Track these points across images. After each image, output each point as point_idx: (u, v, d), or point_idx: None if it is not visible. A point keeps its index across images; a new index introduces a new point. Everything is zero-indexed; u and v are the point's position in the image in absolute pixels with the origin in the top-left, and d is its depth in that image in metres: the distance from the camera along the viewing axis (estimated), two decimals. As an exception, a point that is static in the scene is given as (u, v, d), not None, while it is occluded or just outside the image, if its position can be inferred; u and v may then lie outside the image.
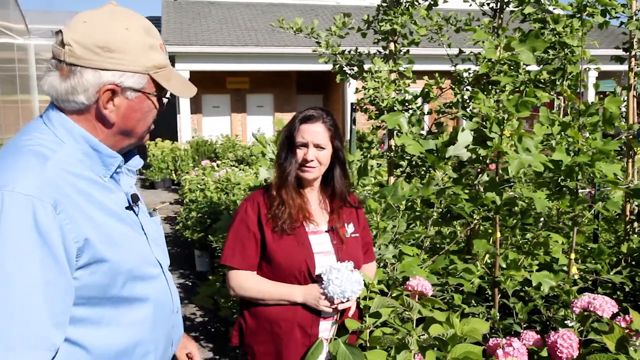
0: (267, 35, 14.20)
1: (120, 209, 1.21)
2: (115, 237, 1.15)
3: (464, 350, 1.60)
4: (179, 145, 12.85)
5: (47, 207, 1.03)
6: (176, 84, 1.24)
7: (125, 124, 1.20)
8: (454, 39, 3.32)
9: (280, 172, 1.91)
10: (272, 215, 1.87)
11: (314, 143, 1.86)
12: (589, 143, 2.40)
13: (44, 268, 1.02)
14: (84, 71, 1.12)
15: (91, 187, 1.15)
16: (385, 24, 2.95)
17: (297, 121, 1.89)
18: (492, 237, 2.55)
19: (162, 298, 1.29)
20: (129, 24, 1.16)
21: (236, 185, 6.29)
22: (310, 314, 1.86)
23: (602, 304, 1.82)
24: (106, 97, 1.15)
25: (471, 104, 2.75)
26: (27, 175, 1.05)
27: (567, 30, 2.75)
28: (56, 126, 1.17)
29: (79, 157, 1.16)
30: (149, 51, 1.18)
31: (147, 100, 1.21)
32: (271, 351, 1.89)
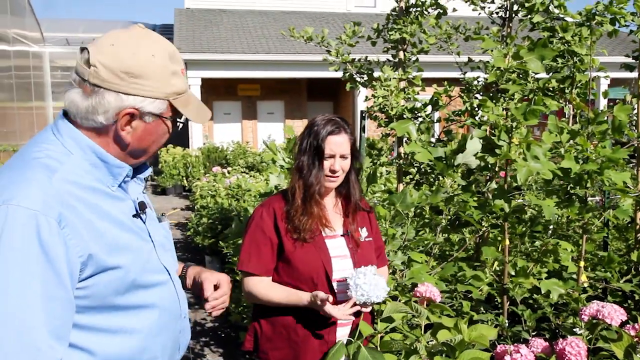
0: (278, 42, 14.30)
1: (127, 218, 1.23)
2: (120, 247, 1.17)
3: (471, 356, 1.62)
4: (190, 152, 12.94)
5: (51, 223, 1.05)
6: (193, 110, 1.26)
7: (140, 145, 1.23)
8: (463, 47, 3.35)
9: (305, 183, 1.91)
10: (294, 225, 1.89)
11: (340, 154, 1.90)
12: (598, 151, 2.40)
13: (45, 283, 1.03)
14: (106, 93, 1.14)
15: (98, 198, 1.17)
16: (394, 33, 2.98)
17: (325, 133, 1.89)
18: (500, 245, 2.56)
19: (169, 304, 1.30)
20: (155, 50, 1.18)
21: (247, 191, 6.33)
22: (327, 321, 1.87)
23: (610, 312, 1.82)
24: (125, 120, 1.18)
25: (480, 112, 2.77)
26: (33, 189, 1.07)
27: (576, 39, 2.77)
28: (65, 137, 1.19)
29: (87, 168, 1.18)
30: (172, 77, 1.20)
31: (163, 124, 1.24)
32: (288, 356, 1.91)
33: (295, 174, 1.95)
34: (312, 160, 1.90)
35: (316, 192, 1.90)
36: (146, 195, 1.41)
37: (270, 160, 2.76)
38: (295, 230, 1.89)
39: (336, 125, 1.91)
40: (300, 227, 1.88)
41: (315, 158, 1.90)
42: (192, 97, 1.29)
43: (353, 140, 1.95)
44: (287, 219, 1.91)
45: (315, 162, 1.90)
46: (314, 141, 1.90)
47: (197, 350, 4.13)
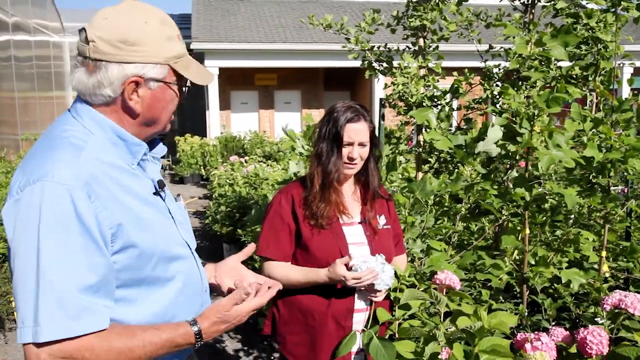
0: (295, 32, 14.26)
1: (149, 195, 1.28)
2: (146, 221, 1.22)
3: (491, 343, 1.61)
4: (208, 141, 13.02)
5: (82, 196, 1.10)
6: (194, 72, 1.30)
7: (151, 113, 1.27)
8: (484, 35, 3.30)
9: (324, 170, 1.92)
10: (311, 212, 1.90)
11: (359, 142, 1.90)
12: (622, 139, 2.36)
13: (87, 251, 1.09)
14: (108, 65, 1.19)
15: (121, 174, 1.22)
16: (414, 20, 2.95)
17: (344, 120, 1.89)
18: (520, 234, 2.54)
19: (192, 276, 1.35)
20: (147, 18, 1.22)
21: (264, 180, 6.36)
22: (344, 306, 1.89)
23: (633, 302, 1.80)
24: (131, 89, 1.22)
25: (501, 100, 2.74)
26: (64, 165, 1.12)
27: (600, 25, 2.71)
28: (84, 118, 1.24)
29: (107, 147, 1.23)
30: (168, 42, 1.24)
31: (169, 89, 1.27)
32: (305, 341, 1.93)
33: (314, 160, 1.96)
34: (330, 147, 1.91)
35: (335, 179, 1.91)
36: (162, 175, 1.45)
37: (290, 148, 2.76)
38: (312, 216, 1.90)
39: (355, 113, 1.90)
40: (318, 214, 1.89)
41: (334, 145, 1.90)
42: (192, 61, 1.32)
43: (372, 128, 1.95)
44: (305, 206, 1.92)
45: (334, 149, 1.90)
46: (333, 128, 1.90)
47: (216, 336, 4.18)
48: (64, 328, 1.05)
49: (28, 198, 1.09)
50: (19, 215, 1.09)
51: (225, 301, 1.27)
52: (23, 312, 1.06)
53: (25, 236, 1.07)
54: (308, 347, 1.92)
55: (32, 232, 1.06)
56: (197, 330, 1.22)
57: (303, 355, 1.94)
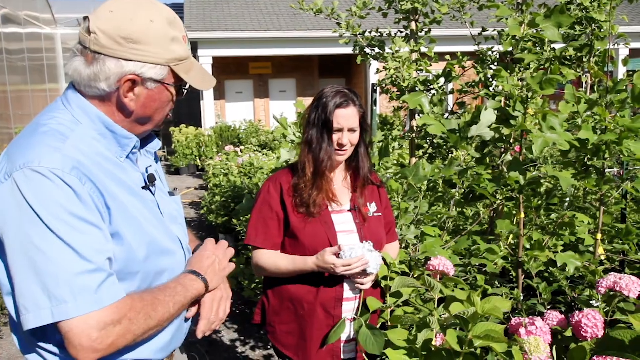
0: (289, 19, 14.15)
1: (137, 188, 1.25)
2: (133, 213, 1.19)
3: (485, 328, 1.59)
4: (203, 131, 12.97)
5: (73, 179, 1.08)
6: (196, 77, 1.26)
7: (144, 112, 1.24)
8: (477, 17, 3.26)
9: (315, 158, 1.89)
10: (302, 200, 1.87)
11: (348, 128, 1.87)
12: (617, 121, 2.34)
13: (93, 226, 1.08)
14: (107, 60, 1.15)
15: (108, 164, 1.19)
16: (406, 3, 2.91)
17: (333, 106, 1.86)
18: (515, 218, 2.52)
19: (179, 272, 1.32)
20: (153, 16, 1.18)
21: (259, 169, 6.33)
22: (333, 295, 1.87)
23: (628, 284, 1.79)
24: (127, 87, 1.18)
25: (494, 83, 2.70)
26: (50, 151, 1.10)
27: (594, 5, 2.67)
28: (73, 107, 1.21)
29: (95, 137, 1.20)
30: (172, 44, 1.20)
31: (167, 91, 1.24)
32: (295, 331, 1.91)
33: (305, 147, 1.92)
34: (320, 134, 1.88)
35: (327, 167, 1.88)
36: (159, 168, 1.41)
37: (281, 136, 2.73)
38: (302, 203, 1.87)
39: (345, 98, 1.87)
40: (310, 202, 1.86)
41: (324, 131, 1.87)
42: (195, 65, 1.28)
43: (362, 113, 1.91)
44: (295, 193, 1.89)
45: (324, 136, 1.87)
46: (322, 114, 1.87)
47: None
48: (93, 300, 1.05)
49: (17, 184, 1.06)
50: (8, 202, 1.06)
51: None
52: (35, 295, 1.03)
53: (24, 220, 1.04)
54: (297, 336, 1.90)
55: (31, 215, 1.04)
56: (205, 281, 1.30)
57: (292, 344, 1.92)
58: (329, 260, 1.77)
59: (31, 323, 1.04)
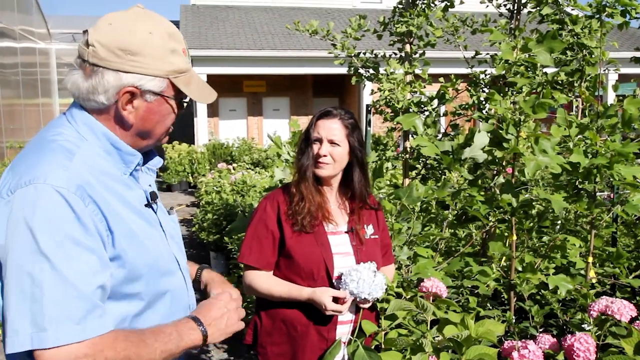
0: (284, 38, 14.27)
1: (140, 206, 1.24)
2: (136, 232, 1.17)
3: (478, 352, 1.59)
4: (196, 148, 12.95)
5: (76, 200, 1.06)
6: (196, 89, 1.25)
7: (144, 125, 1.23)
8: (470, 41, 3.31)
9: (298, 168, 1.91)
10: (292, 212, 1.87)
11: (328, 139, 1.86)
12: (608, 145, 2.37)
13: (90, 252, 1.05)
14: (105, 72, 1.15)
15: (113, 182, 1.18)
16: (401, 26, 2.95)
17: (315, 117, 1.91)
18: (508, 240, 2.53)
19: (178, 293, 1.31)
20: (152, 28, 1.17)
21: (252, 187, 6.32)
22: (327, 318, 1.85)
23: (620, 308, 1.79)
24: (125, 99, 1.18)
25: (487, 106, 2.73)
26: (56, 169, 1.08)
27: (585, 31, 2.72)
28: (79, 123, 1.20)
29: (100, 154, 1.19)
30: (171, 56, 1.20)
31: (166, 103, 1.23)
32: (287, 352, 1.89)
33: (293, 162, 1.97)
34: (304, 144, 1.91)
35: (309, 176, 1.88)
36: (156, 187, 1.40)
37: (275, 155, 2.73)
38: (294, 217, 1.86)
39: (330, 111, 1.90)
40: (298, 212, 1.85)
41: (307, 142, 1.90)
42: (195, 77, 1.27)
43: (351, 131, 1.89)
44: (288, 208, 1.88)
45: (307, 147, 1.90)
46: (308, 126, 1.92)
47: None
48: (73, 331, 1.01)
49: (20, 200, 1.04)
50: (11, 218, 1.04)
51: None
52: (19, 319, 1.00)
53: (20, 240, 1.02)
54: (289, 358, 1.88)
55: (27, 236, 1.01)
56: (204, 333, 1.21)
57: None
58: (324, 301, 1.77)
59: (9, 348, 1.00)
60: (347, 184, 1.96)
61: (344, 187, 1.97)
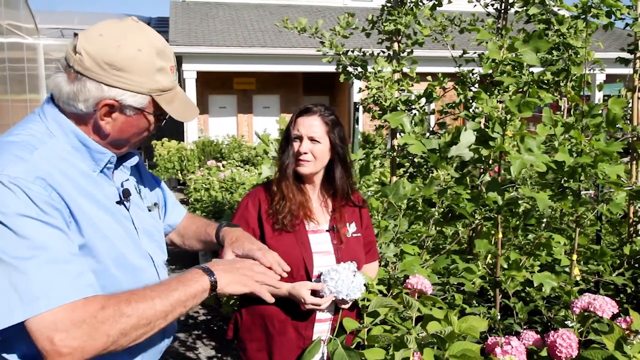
0: (274, 36, 14.24)
1: (110, 203, 1.24)
2: (100, 227, 1.18)
3: (462, 347, 1.60)
4: (185, 145, 12.89)
5: (36, 188, 1.07)
6: (177, 108, 1.26)
7: (120, 136, 1.24)
8: (458, 40, 3.33)
9: (279, 166, 1.91)
10: (273, 211, 1.86)
11: (308, 136, 1.85)
12: (592, 144, 2.39)
13: (55, 232, 1.06)
14: (88, 82, 1.15)
15: (80, 178, 1.18)
16: (389, 24, 2.96)
17: (295, 114, 1.90)
18: (493, 238, 2.55)
19: None
20: (142, 45, 1.18)
21: (241, 185, 6.31)
22: (305, 316, 1.85)
23: (602, 305, 1.81)
24: (104, 111, 1.18)
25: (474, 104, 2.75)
26: (15, 162, 1.09)
27: (571, 32, 2.75)
28: (49, 120, 1.20)
29: (69, 150, 1.19)
30: (157, 74, 1.20)
31: (145, 118, 1.23)
32: (263, 348, 1.89)
33: (276, 160, 1.96)
34: (285, 142, 1.90)
35: (289, 173, 1.87)
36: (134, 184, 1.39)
37: (263, 152, 2.73)
38: (275, 216, 1.85)
39: (309, 108, 1.88)
40: (279, 211, 1.85)
41: (287, 140, 1.89)
42: (178, 95, 1.27)
43: (332, 127, 1.88)
44: (269, 206, 1.88)
45: (287, 145, 1.89)
46: (288, 124, 1.91)
47: (189, 343, 4.12)
48: (62, 294, 1.01)
49: None
50: None
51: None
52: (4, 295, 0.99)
53: None
54: (267, 354, 1.88)
55: None
56: (214, 280, 1.19)
57: None
58: (302, 294, 1.77)
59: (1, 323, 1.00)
60: (330, 181, 1.96)
61: (326, 184, 1.97)
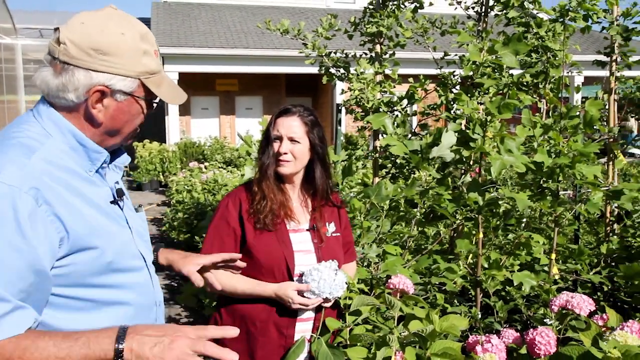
0: (257, 37, 14.22)
1: (105, 203, 1.23)
2: (97, 229, 1.17)
3: (443, 346, 1.62)
4: (167, 147, 12.80)
5: (27, 199, 1.05)
6: (166, 90, 1.27)
7: (113, 124, 1.23)
8: (439, 42, 3.36)
9: (259, 167, 1.92)
10: (254, 210, 1.87)
11: (287, 136, 1.86)
12: (570, 145, 2.44)
13: (18, 254, 1.03)
14: (75, 70, 1.15)
15: (76, 180, 1.17)
16: (371, 26, 2.98)
17: (274, 115, 1.91)
18: (474, 238, 2.58)
19: (144, 290, 1.30)
20: (125, 29, 1.18)
21: (223, 186, 6.29)
22: (287, 315, 1.86)
23: (579, 302, 1.85)
24: (95, 98, 1.18)
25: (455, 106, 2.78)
26: (11, 166, 1.07)
27: (549, 34, 2.80)
28: (44, 119, 1.19)
29: (66, 151, 1.18)
30: (142, 57, 1.21)
31: (136, 103, 1.24)
32: (245, 349, 1.88)
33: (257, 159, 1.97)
34: (265, 143, 1.92)
35: (270, 174, 1.88)
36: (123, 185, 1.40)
37: (246, 153, 2.73)
38: (255, 215, 1.86)
39: (289, 108, 1.90)
40: (260, 211, 1.85)
41: (267, 141, 1.91)
42: (165, 78, 1.28)
43: (311, 128, 1.89)
44: (250, 206, 1.89)
45: (267, 145, 1.90)
46: (268, 125, 1.92)
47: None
48: None
49: None
50: None
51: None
52: None
53: None
54: (248, 356, 1.88)
55: None
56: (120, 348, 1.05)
57: None
58: (290, 295, 1.79)
59: None
60: (310, 181, 1.97)
61: (306, 184, 1.98)
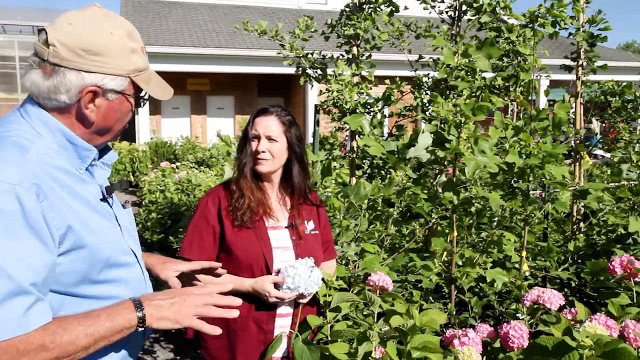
0: (229, 37, 14.13)
1: (95, 200, 1.24)
2: (92, 226, 1.18)
3: (422, 340, 1.67)
4: (137, 147, 12.61)
5: (30, 195, 1.06)
6: (155, 87, 1.29)
7: (105, 123, 1.24)
8: (414, 45, 3.43)
9: (237, 165, 1.95)
10: (233, 208, 1.90)
11: (265, 135, 1.90)
12: (540, 146, 2.53)
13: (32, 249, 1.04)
14: (67, 72, 1.15)
15: (68, 178, 1.18)
16: (348, 29, 3.03)
17: (253, 115, 1.95)
18: (449, 236, 2.65)
19: (137, 285, 1.32)
20: (113, 28, 1.19)
21: (197, 186, 6.25)
22: (266, 310, 1.89)
23: (550, 297, 1.93)
24: (88, 98, 1.19)
25: (430, 108, 2.85)
26: (8, 165, 1.07)
27: (520, 39, 2.90)
28: (33, 119, 1.19)
29: (56, 149, 1.19)
30: (131, 55, 1.22)
31: (127, 101, 1.25)
32: (225, 345, 1.91)
33: (235, 158, 2.00)
34: (243, 142, 1.96)
35: (247, 171, 1.92)
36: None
37: (225, 153, 2.74)
38: (235, 213, 1.89)
39: (266, 108, 1.95)
40: (238, 208, 1.88)
41: (245, 140, 1.94)
42: (153, 74, 1.30)
43: (289, 127, 1.94)
44: (228, 204, 1.92)
45: (245, 144, 1.94)
46: (246, 124, 1.96)
47: (147, 346, 4.06)
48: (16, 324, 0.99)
49: None
50: None
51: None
52: None
53: None
54: (229, 351, 1.91)
55: None
56: (141, 315, 1.14)
57: (224, 359, 1.93)
58: (266, 288, 1.82)
59: None
60: (288, 180, 2.01)
61: (284, 182, 2.02)
